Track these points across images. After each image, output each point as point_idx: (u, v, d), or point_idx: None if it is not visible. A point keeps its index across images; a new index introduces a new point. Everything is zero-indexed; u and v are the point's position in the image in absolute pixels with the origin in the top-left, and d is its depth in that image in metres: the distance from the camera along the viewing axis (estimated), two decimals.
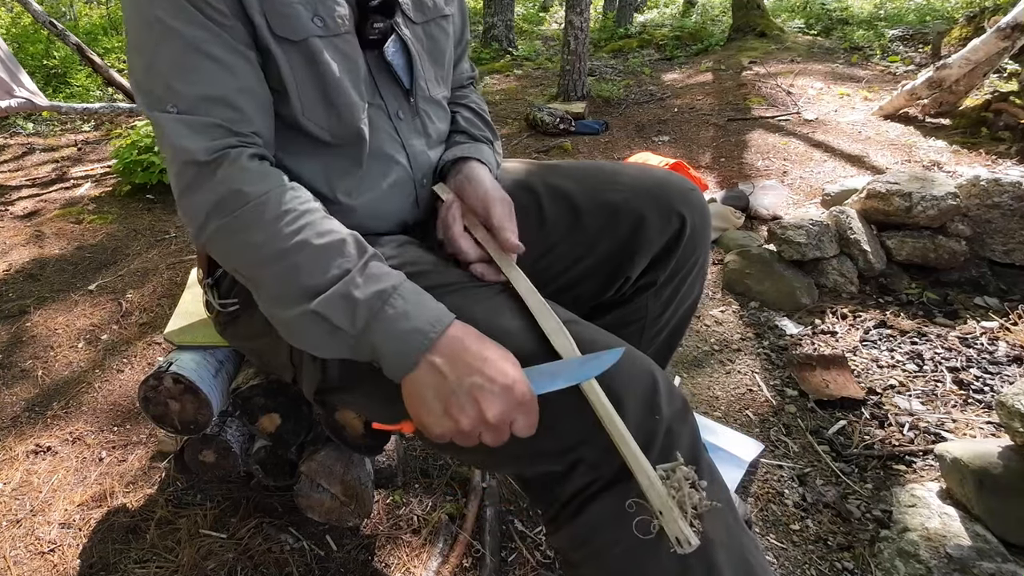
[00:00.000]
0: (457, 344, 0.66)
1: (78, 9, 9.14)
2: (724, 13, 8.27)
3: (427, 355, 0.65)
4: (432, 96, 0.94)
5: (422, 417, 0.66)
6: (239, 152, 0.73)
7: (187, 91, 0.73)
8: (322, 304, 0.67)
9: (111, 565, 1.18)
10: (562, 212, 0.98)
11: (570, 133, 4.05)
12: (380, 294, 0.67)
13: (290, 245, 0.69)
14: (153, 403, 1.10)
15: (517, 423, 0.64)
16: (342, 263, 0.69)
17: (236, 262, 0.74)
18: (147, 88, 0.75)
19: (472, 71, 1.15)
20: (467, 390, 0.63)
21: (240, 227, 0.71)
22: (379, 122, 0.87)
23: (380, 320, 0.66)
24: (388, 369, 0.67)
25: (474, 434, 0.64)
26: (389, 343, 0.66)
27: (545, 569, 1.16)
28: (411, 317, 0.66)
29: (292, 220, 0.71)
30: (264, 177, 0.73)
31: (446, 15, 0.97)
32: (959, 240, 2.05)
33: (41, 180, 3.68)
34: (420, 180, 0.92)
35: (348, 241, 0.71)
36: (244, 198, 0.71)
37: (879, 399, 1.56)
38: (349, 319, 0.67)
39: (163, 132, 0.73)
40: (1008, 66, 3.77)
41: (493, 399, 0.63)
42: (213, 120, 0.73)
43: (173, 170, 0.74)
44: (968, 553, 1.06)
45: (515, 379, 0.64)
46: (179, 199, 0.75)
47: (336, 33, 0.80)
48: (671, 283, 1.01)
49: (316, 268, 0.69)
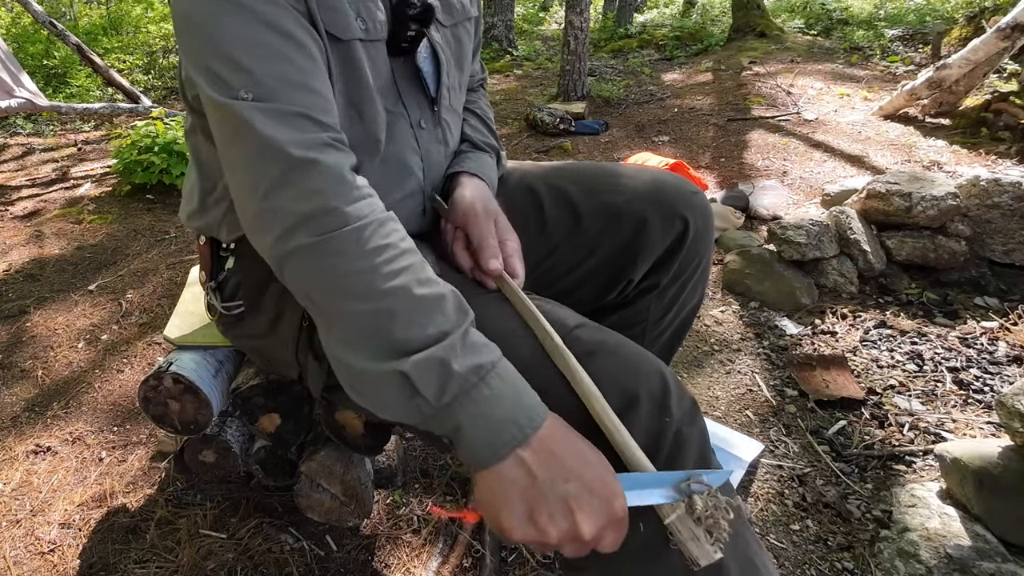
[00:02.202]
0: (552, 440, 0.58)
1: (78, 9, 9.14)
2: (724, 13, 8.27)
3: (519, 449, 0.57)
4: (452, 105, 0.93)
5: (500, 517, 0.57)
6: (338, 159, 0.65)
7: (262, 71, 0.64)
8: (414, 366, 0.58)
9: (111, 565, 1.18)
10: (564, 214, 0.97)
11: (570, 133, 4.05)
12: (478, 369, 0.59)
13: (388, 287, 0.61)
14: (153, 403, 1.10)
15: (605, 540, 0.56)
16: (442, 323, 0.61)
17: (314, 288, 0.64)
18: (212, 71, 0.65)
19: (483, 73, 1.14)
20: (562, 497, 0.55)
21: (332, 250, 0.62)
22: (401, 131, 0.84)
23: (473, 399, 0.58)
24: (467, 453, 0.59)
25: (558, 547, 0.57)
26: (477, 428, 0.58)
27: (545, 569, 1.16)
28: (506, 403, 0.58)
29: (393, 258, 0.62)
30: (364, 197, 0.65)
31: (471, 16, 0.95)
32: (959, 240, 2.05)
33: (41, 180, 3.68)
34: (430, 193, 0.91)
35: (449, 298, 0.63)
36: (342, 218, 0.62)
37: (879, 399, 1.56)
38: (437, 390, 0.58)
39: (240, 122, 0.64)
40: (1008, 66, 3.78)
41: (590, 514, 0.55)
42: (296, 108, 0.65)
43: (249, 170, 0.65)
44: (968, 553, 1.06)
45: (615, 492, 0.56)
46: (260, 199, 0.64)
47: (374, 39, 0.77)
48: (674, 286, 1.01)
49: (414, 321, 0.60)
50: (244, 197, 0.67)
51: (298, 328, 0.84)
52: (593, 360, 0.66)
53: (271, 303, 0.87)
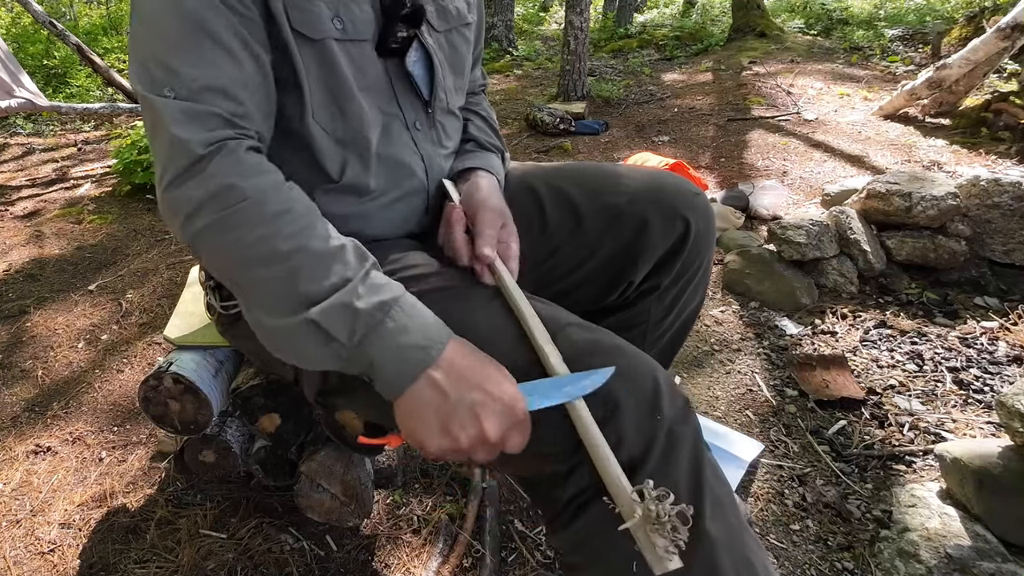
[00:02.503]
0: (457, 360, 0.63)
1: (78, 9, 9.14)
2: (724, 13, 8.27)
3: (428, 370, 0.62)
4: (449, 108, 0.93)
5: (418, 435, 0.63)
6: (237, 144, 0.69)
7: (189, 75, 0.68)
8: (320, 313, 0.63)
9: (111, 565, 1.18)
10: (565, 215, 0.97)
11: (570, 133, 4.05)
12: (381, 306, 0.64)
13: (288, 248, 0.65)
14: (153, 403, 1.10)
15: (511, 440, 0.63)
16: (342, 271, 0.65)
17: (225, 263, 0.69)
18: (146, 66, 0.70)
19: (484, 79, 1.14)
20: (468, 406, 0.61)
21: (233, 224, 0.66)
22: (397, 132, 0.86)
23: (380, 334, 0.63)
24: (383, 384, 0.64)
25: (470, 452, 0.63)
26: (388, 357, 0.63)
27: (545, 569, 1.16)
28: (411, 331, 0.64)
29: (291, 220, 0.67)
30: (261, 172, 0.69)
31: (468, 23, 0.96)
32: (959, 240, 2.05)
33: (41, 180, 3.68)
34: (433, 192, 0.92)
35: (348, 248, 0.68)
36: (240, 193, 0.66)
37: (879, 399, 1.56)
38: (347, 330, 0.63)
39: (157, 117, 0.68)
40: (1008, 66, 3.78)
41: (494, 417, 0.61)
42: (212, 110, 0.69)
43: (162, 159, 0.69)
44: (968, 553, 1.06)
45: (515, 397, 0.62)
46: (164, 191, 0.69)
47: (353, 39, 0.78)
48: (675, 287, 1.00)
49: (316, 274, 0.65)
50: (158, 185, 0.71)
51: None
52: (587, 359, 0.67)
53: None
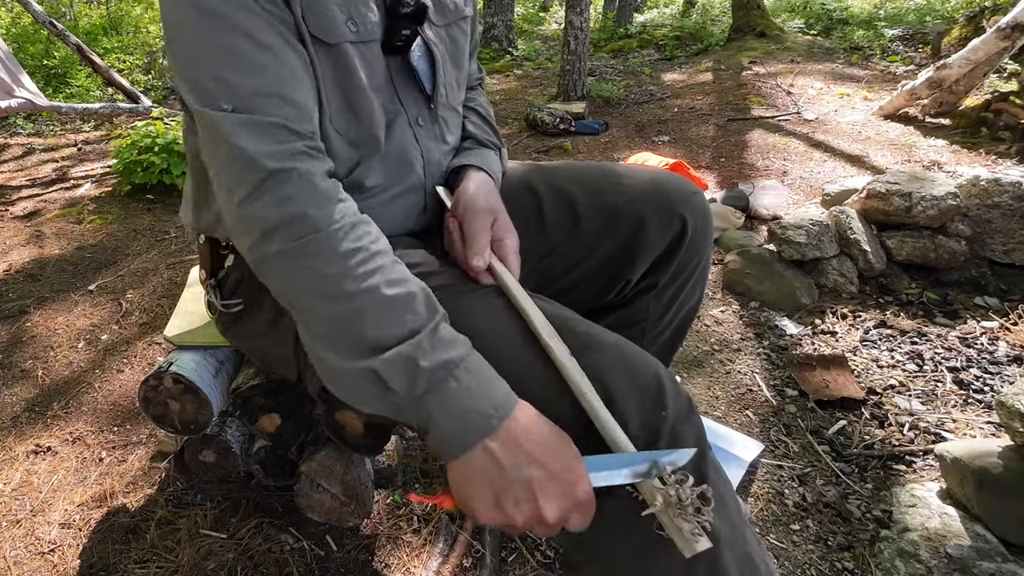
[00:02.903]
0: (518, 429, 0.60)
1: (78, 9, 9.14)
2: (724, 13, 8.27)
3: (486, 439, 0.60)
4: (450, 103, 0.94)
5: (471, 503, 0.61)
6: (311, 167, 0.68)
7: (241, 84, 0.67)
8: (383, 364, 0.62)
9: (111, 565, 1.18)
10: (563, 214, 0.97)
11: (570, 133, 4.05)
12: (446, 364, 0.62)
13: (359, 288, 0.64)
14: (153, 403, 1.10)
15: (572, 522, 0.59)
16: (411, 321, 0.63)
17: (291, 291, 0.68)
18: (196, 82, 0.69)
19: (480, 72, 1.14)
20: (525, 484, 0.58)
21: (306, 255, 0.65)
22: (399, 129, 0.86)
23: (441, 392, 0.61)
24: (439, 443, 0.62)
25: (526, 528, 0.60)
26: (447, 419, 0.61)
27: (545, 569, 1.16)
28: (474, 395, 0.61)
29: (364, 260, 0.65)
30: (337, 203, 0.68)
31: (466, 16, 0.96)
32: (959, 240, 2.05)
33: (41, 180, 3.68)
34: (431, 189, 0.92)
35: (419, 296, 0.66)
36: (315, 224, 0.65)
37: (879, 399, 1.56)
38: (408, 385, 0.61)
39: (218, 132, 0.67)
40: (1008, 66, 3.78)
41: (552, 497, 0.58)
42: (273, 119, 0.68)
43: (229, 174, 0.68)
44: (968, 553, 1.06)
45: (578, 475, 0.58)
46: (238, 207, 0.67)
47: (366, 40, 0.79)
48: (672, 286, 1.01)
49: (383, 321, 0.63)
50: (224, 202, 0.70)
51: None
52: (589, 358, 0.66)
53: (270, 302, 0.87)
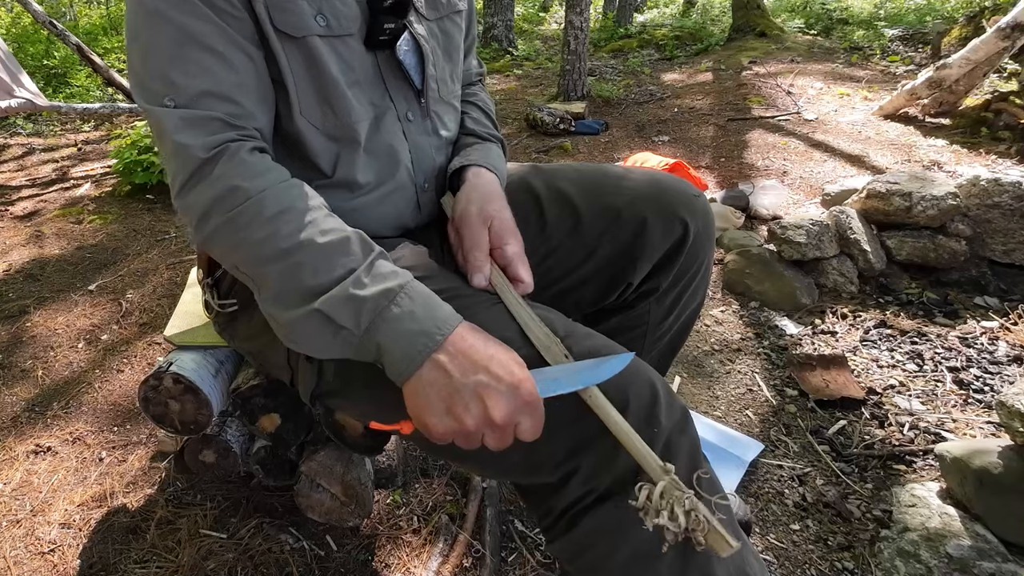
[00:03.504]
0: (463, 343, 0.64)
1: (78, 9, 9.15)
2: (724, 13, 8.27)
3: (434, 354, 0.63)
4: (443, 97, 0.93)
5: (424, 417, 0.63)
6: (238, 146, 0.71)
7: (186, 84, 0.71)
8: (326, 303, 0.65)
9: (111, 565, 1.18)
10: (563, 216, 0.97)
11: (570, 133, 4.05)
12: (386, 293, 0.66)
13: (292, 244, 0.67)
14: (153, 403, 1.10)
15: (522, 425, 0.61)
16: (347, 262, 0.67)
17: (236, 260, 0.72)
18: (144, 81, 0.73)
19: (480, 68, 1.14)
20: (472, 388, 0.61)
21: (240, 225, 0.69)
22: (388, 124, 0.86)
23: (386, 320, 0.65)
24: (392, 369, 0.65)
25: (477, 435, 0.62)
26: (394, 343, 0.64)
27: (545, 569, 1.16)
28: (418, 317, 0.65)
29: (293, 217, 0.69)
30: (264, 172, 0.71)
31: (459, 10, 0.96)
32: (959, 240, 2.05)
33: (41, 180, 3.68)
34: (422, 184, 0.91)
35: (353, 239, 0.69)
36: (243, 194, 0.69)
37: (879, 399, 1.56)
38: (354, 319, 0.65)
39: (161, 127, 0.71)
40: (1008, 66, 3.77)
41: (499, 398, 0.60)
42: (212, 114, 0.71)
43: (171, 167, 0.72)
44: (968, 553, 1.06)
45: (521, 378, 0.62)
46: (177, 197, 0.73)
47: (337, 34, 0.79)
48: (674, 289, 1.00)
49: (320, 267, 0.67)
50: (173, 192, 0.75)
51: None
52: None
53: None
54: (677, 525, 0.56)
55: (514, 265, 0.80)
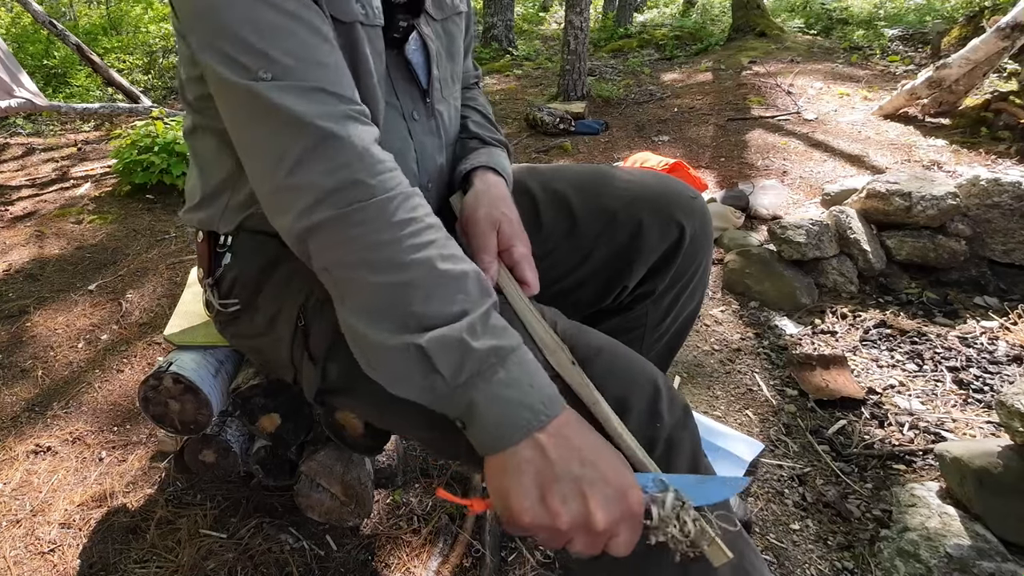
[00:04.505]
0: (569, 429, 0.57)
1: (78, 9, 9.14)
2: (724, 13, 8.27)
3: (536, 433, 0.56)
4: (446, 97, 0.93)
5: (511, 499, 0.55)
6: (364, 132, 0.65)
7: (277, 52, 0.65)
8: (431, 342, 0.58)
9: (111, 565, 1.18)
10: (559, 218, 0.97)
11: (570, 133, 4.05)
12: (497, 351, 0.58)
13: (411, 259, 0.60)
14: (153, 403, 1.10)
15: (620, 538, 0.54)
16: (464, 301, 0.60)
17: (332, 260, 0.64)
18: (226, 56, 0.65)
19: (477, 71, 1.15)
20: (576, 481, 0.54)
21: (356, 222, 0.62)
22: (393, 123, 0.85)
23: (488, 381, 0.57)
24: (480, 435, 0.58)
25: (568, 536, 0.55)
26: (492, 409, 0.57)
27: (545, 569, 1.16)
28: (524, 388, 0.57)
29: (418, 231, 0.62)
30: (390, 171, 0.65)
31: (461, 11, 0.97)
32: (959, 240, 2.05)
33: (41, 180, 3.68)
34: (425, 184, 0.91)
35: (471, 276, 0.62)
36: (367, 191, 0.62)
37: (879, 399, 1.56)
38: (455, 368, 0.58)
39: (260, 102, 0.64)
40: (1008, 66, 3.77)
41: (604, 500, 0.54)
42: (314, 84, 0.65)
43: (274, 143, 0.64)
44: (968, 552, 1.06)
45: (631, 484, 0.55)
46: (286, 175, 0.64)
47: (372, 24, 0.78)
48: (671, 291, 1.00)
49: (435, 296, 0.60)
50: (266, 177, 0.67)
51: (293, 328, 0.83)
52: (586, 367, 0.66)
53: (267, 302, 0.87)
54: (685, 535, 0.55)
55: (521, 267, 0.80)
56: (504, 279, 0.79)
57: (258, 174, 0.68)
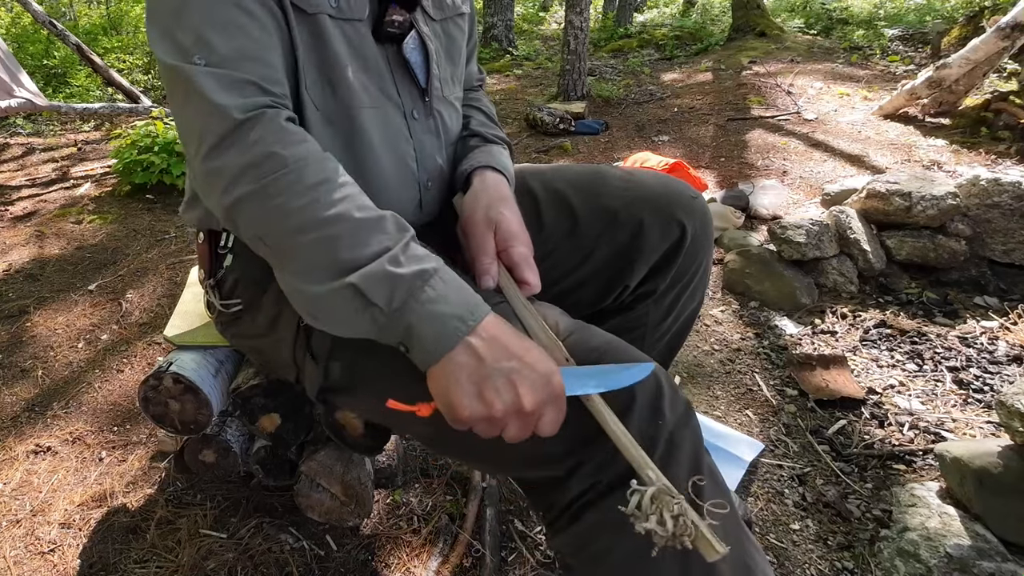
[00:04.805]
0: (495, 329, 0.64)
1: (78, 9, 9.15)
2: (724, 13, 8.27)
3: (467, 337, 0.63)
4: (446, 96, 0.94)
5: (451, 396, 0.62)
6: (276, 113, 0.69)
7: (222, 44, 0.69)
8: (360, 278, 0.64)
9: (111, 565, 1.18)
10: (561, 218, 0.97)
11: (570, 133, 4.05)
12: (421, 273, 0.64)
13: (329, 215, 0.66)
14: (153, 403, 1.10)
15: (545, 417, 0.62)
16: (383, 239, 0.66)
17: (264, 230, 0.69)
18: (172, 36, 0.70)
19: (481, 74, 1.15)
20: (506, 373, 0.61)
21: (275, 192, 0.66)
22: (394, 120, 0.86)
23: (419, 300, 0.63)
24: (420, 350, 0.64)
25: (503, 422, 0.62)
26: (426, 324, 0.63)
27: (545, 569, 1.16)
28: (451, 301, 0.64)
29: (331, 189, 0.67)
30: (301, 141, 0.69)
31: (463, 13, 0.97)
32: (959, 240, 2.05)
33: (41, 180, 3.68)
34: (425, 183, 0.91)
35: (388, 218, 0.68)
36: (281, 162, 0.67)
37: (879, 399, 1.56)
38: (387, 296, 0.63)
39: (188, 85, 0.68)
40: (1008, 66, 3.77)
41: (531, 386, 0.61)
42: (247, 77, 0.69)
43: (196, 127, 0.69)
44: (968, 552, 1.06)
45: (552, 370, 0.62)
46: (203, 160, 0.69)
47: (348, 18, 0.79)
48: (672, 291, 1.00)
49: (357, 241, 0.65)
50: (192, 159, 0.71)
51: (295, 328, 0.84)
52: (588, 363, 0.67)
53: (269, 302, 0.87)
54: (665, 530, 0.56)
55: (519, 267, 0.81)
56: (504, 280, 0.79)
57: (188, 157, 0.73)
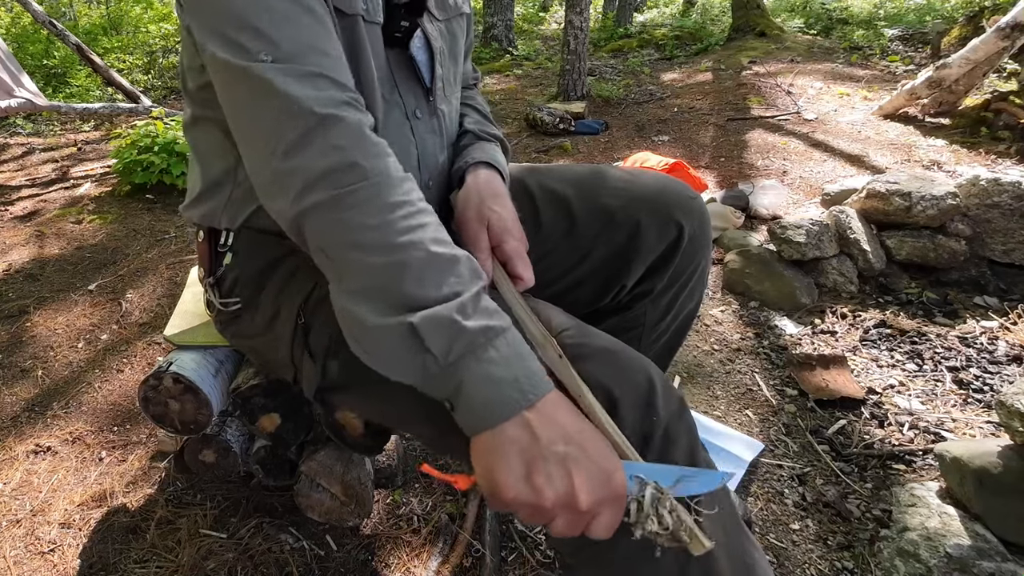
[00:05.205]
0: (555, 408, 0.58)
1: (78, 9, 9.15)
2: (724, 13, 8.27)
3: (523, 411, 0.56)
4: (448, 96, 0.94)
5: (495, 474, 0.55)
6: (359, 120, 0.66)
7: (280, 36, 0.66)
8: (423, 320, 0.58)
9: (111, 565, 1.18)
10: (558, 217, 0.97)
11: (570, 133, 4.05)
12: (487, 330, 0.59)
13: (403, 241, 0.61)
14: (153, 403, 1.10)
15: (601, 519, 0.55)
16: (455, 283, 0.61)
17: (328, 242, 0.64)
18: (229, 36, 0.66)
19: (475, 73, 1.16)
20: (561, 459, 0.54)
21: (349, 204, 0.62)
22: (396, 120, 0.86)
23: (478, 358, 0.58)
24: (467, 412, 0.58)
25: (551, 513, 0.55)
26: (480, 386, 0.57)
27: (545, 569, 1.16)
28: (512, 367, 0.58)
29: (410, 214, 0.63)
30: (383, 155, 0.66)
31: (463, 13, 0.98)
32: (959, 240, 2.05)
33: (41, 180, 3.68)
34: (426, 182, 0.91)
35: (463, 260, 0.63)
36: (362, 173, 0.63)
37: (879, 399, 1.56)
38: (445, 346, 0.58)
39: (259, 84, 0.65)
40: (1008, 66, 3.77)
41: (589, 478, 0.54)
42: (317, 70, 0.66)
43: (268, 125, 0.65)
44: (968, 552, 1.06)
45: (616, 465, 0.55)
46: (280, 158, 0.65)
47: (373, 20, 0.79)
48: (669, 291, 1.00)
49: (426, 277, 0.60)
50: (262, 161, 0.67)
51: (293, 327, 0.84)
52: (581, 362, 0.66)
53: (268, 301, 0.87)
54: (665, 530, 0.55)
55: (512, 262, 0.80)
56: (498, 275, 0.79)
57: (255, 159, 0.68)
